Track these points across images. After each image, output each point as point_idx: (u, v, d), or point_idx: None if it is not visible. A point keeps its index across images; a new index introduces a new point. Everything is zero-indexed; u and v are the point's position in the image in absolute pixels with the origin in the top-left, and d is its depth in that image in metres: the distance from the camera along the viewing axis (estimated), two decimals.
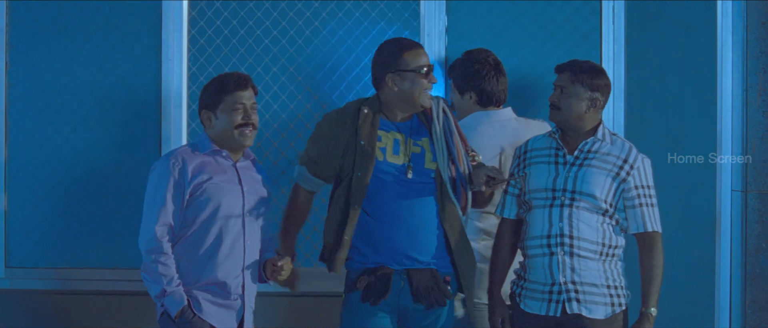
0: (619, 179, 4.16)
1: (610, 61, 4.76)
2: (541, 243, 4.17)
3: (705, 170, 4.74)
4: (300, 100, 4.90)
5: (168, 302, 3.78)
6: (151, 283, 3.80)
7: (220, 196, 3.87)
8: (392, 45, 4.13)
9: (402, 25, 4.85)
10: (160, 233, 3.80)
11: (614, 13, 4.75)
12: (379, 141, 4.11)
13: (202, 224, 3.85)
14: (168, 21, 4.87)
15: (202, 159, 3.90)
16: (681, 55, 4.74)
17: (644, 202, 4.17)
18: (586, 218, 4.14)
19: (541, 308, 4.18)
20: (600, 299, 4.16)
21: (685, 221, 4.75)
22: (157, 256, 3.78)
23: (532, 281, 4.21)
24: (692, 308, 4.76)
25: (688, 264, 4.74)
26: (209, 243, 3.86)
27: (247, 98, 3.94)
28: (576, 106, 4.15)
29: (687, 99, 4.74)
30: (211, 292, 3.86)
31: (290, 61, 4.90)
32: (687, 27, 4.73)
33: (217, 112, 3.92)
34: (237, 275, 3.90)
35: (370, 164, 4.07)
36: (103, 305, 4.85)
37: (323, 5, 4.88)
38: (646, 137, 4.73)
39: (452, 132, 4.14)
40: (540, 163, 4.24)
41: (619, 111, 4.75)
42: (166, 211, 3.82)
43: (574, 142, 4.21)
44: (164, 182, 3.85)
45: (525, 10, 4.81)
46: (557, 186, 4.16)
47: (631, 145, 4.23)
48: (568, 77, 4.15)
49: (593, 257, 4.15)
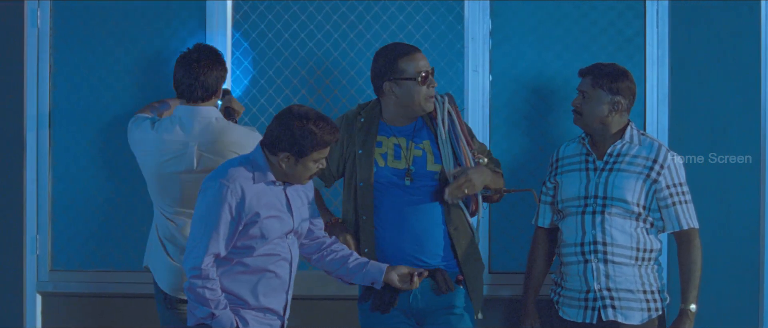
0: (650, 180, 4.16)
1: (655, 64, 4.76)
2: (575, 251, 4.18)
3: (749, 171, 4.74)
4: (344, 103, 4.89)
5: (216, 324, 3.75)
6: (198, 305, 3.76)
7: (271, 229, 3.79)
8: (387, 52, 4.09)
9: (446, 28, 4.84)
10: (207, 263, 3.72)
11: (658, 16, 4.75)
12: (379, 147, 4.11)
13: (251, 253, 3.79)
14: (212, 23, 4.89)
15: (257, 187, 3.77)
16: (725, 56, 4.74)
17: (678, 200, 4.18)
18: (618, 223, 4.15)
19: (578, 315, 4.19)
20: (635, 304, 4.17)
21: (728, 222, 4.75)
22: (204, 282, 3.72)
23: (568, 288, 4.23)
24: (737, 310, 4.76)
25: (732, 265, 4.74)
26: (258, 271, 3.81)
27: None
28: (597, 111, 4.16)
29: (731, 100, 4.74)
30: (257, 316, 3.84)
31: (334, 65, 4.90)
32: (731, 28, 4.73)
33: (299, 160, 3.75)
34: (281, 299, 3.89)
35: (369, 173, 4.08)
36: (146, 309, 4.84)
37: (367, 8, 4.88)
38: (690, 139, 4.73)
39: (458, 135, 4.13)
40: (572, 170, 4.25)
41: (664, 113, 4.75)
42: (218, 241, 3.72)
43: (602, 146, 4.22)
44: (218, 209, 3.72)
45: (569, 14, 4.81)
46: (589, 193, 4.17)
47: (660, 143, 4.24)
48: (590, 82, 4.16)
49: (628, 263, 4.16)
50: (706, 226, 4.37)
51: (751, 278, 4.75)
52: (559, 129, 4.78)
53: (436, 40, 4.85)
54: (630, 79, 4.19)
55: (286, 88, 4.89)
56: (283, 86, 4.90)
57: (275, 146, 3.74)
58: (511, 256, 4.81)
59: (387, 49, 4.12)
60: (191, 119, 4.17)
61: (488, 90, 4.78)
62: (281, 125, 3.73)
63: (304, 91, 4.89)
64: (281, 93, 4.89)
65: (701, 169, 4.69)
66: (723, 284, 4.72)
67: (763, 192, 4.75)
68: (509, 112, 4.82)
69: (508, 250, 4.81)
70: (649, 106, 4.75)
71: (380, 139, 4.13)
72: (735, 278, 4.76)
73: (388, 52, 4.10)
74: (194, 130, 4.16)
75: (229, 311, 3.76)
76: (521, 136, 4.81)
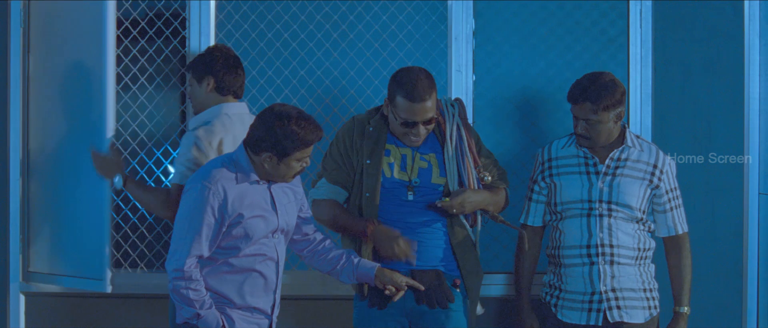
0: (652, 186, 4.17)
1: (638, 64, 4.76)
2: (579, 253, 4.16)
3: (732, 172, 4.74)
4: (327, 103, 4.89)
5: (203, 324, 3.73)
6: (183, 305, 3.73)
7: (255, 229, 3.75)
8: (400, 78, 4.02)
9: (429, 27, 4.84)
10: (190, 265, 3.69)
11: (641, 16, 4.75)
12: (387, 156, 4.10)
13: (237, 252, 3.76)
14: (195, 24, 4.87)
15: (240, 187, 3.74)
16: (708, 57, 4.74)
17: (674, 205, 4.20)
18: (623, 226, 4.15)
19: (581, 317, 4.17)
20: (638, 303, 4.16)
21: (712, 223, 4.75)
22: (188, 283, 3.69)
23: (569, 290, 4.19)
24: (721, 311, 4.76)
25: (715, 266, 4.74)
26: (244, 270, 3.79)
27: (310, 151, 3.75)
28: (605, 131, 4.15)
29: (714, 101, 4.74)
30: (244, 315, 3.82)
31: (317, 64, 4.89)
32: (714, 29, 4.73)
33: (281, 160, 3.71)
34: (269, 298, 3.87)
35: (376, 184, 4.06)
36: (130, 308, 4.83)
37: (350, 8, 4.88)
38: (674, 139, 4.73)
39: (464, 152, 4.12)
40: (571, 173, 4.22)
41: (647, 113, 4.74)
42: (200, 243, 3.69)
43: (603, 150, 4.21)
44: (201, 211, 3.69)
45: (552, 13, 4.81)
46: (593, 197, 4.15)
47: (656, 148, 4.24)
48: (590, 108, 4.11)
49: (630, 263, 4.16)
50: (691, 226, 4.36)
51: (735, 278, 4.75)
52: (542, 129, 4.78)
53: (419, 40, 4.85)
54: (619, 82, 4.17)
55: (269, 88, 4.88)
56: (266, 86, 4.89)
57: (257, 147, 3.71)
58: (494, 255, 4.79)
59: (401, 75, 4.03)
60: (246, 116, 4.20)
61: (471, 90, 4.77)
62: (263, 125, 3.69)
63: (287, 91, 4.88)
64: (264, 93, 4.88)
65: (685, 169, 4.68)
66: (707, 286, 4.71)
67: (746, 192, 4.74)
68: (492, 112, 4.81)
69: (491, 249, 4.79)
70: (633, 106, 4.75)
71: (389, 148, 4.11)
72: (719, 280, 4.76)
73: (400, 77, 4.02)
74: None
75: (214, 310, 3.74)
76: (505, 137, 4.81)
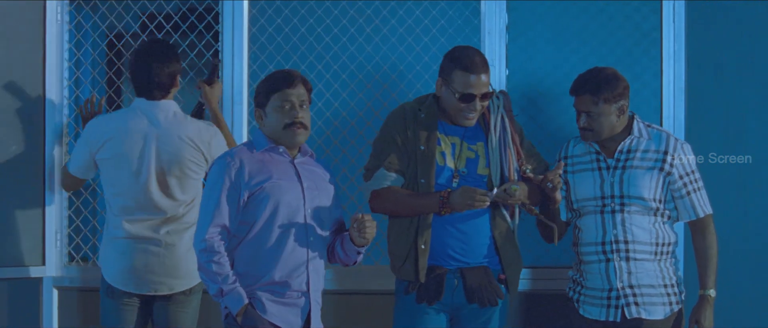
0: (663, 173, 4.16)
1: (671, 59, 4.75)
2: (596, 250, 4.17)
3: (765, 169, 4.74)
4: (360, 97, 4.90)
5: (228, 302, 3.74)
6: (208, 282, 3.77)
7: (279, 195, 3.79)
8: (456, 53, 4.07)
9: (463, 22, 4.85)
10: (212, 234, 3.75)
11: (675, 11, 4.75)
12: (439, 145, 4.11)
13: (263, 224, 3.79)
14: (228, 19, 4.90)
15: (260, 157, 3.84)
16: (742, 52, 4.73)
17: (692, 189, 4.18)
18: (638, 221, 4.15)
19: (601, 313, 4.18)
20: (658, 299, 4.16)
21: (743, 221, 4.74)
22: (210, 255, 3.74)
23: (589, 287, 4.21)
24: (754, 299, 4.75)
25: (747, 265, 4.73)
26: (271, 243, 3.80)
27: (297, 96, 3.83)
28: (607, 124, 4.16)
29: (747, 97, 4.74)
30: (274, 292, 3.80)
31: (351, 59, 4.90)
32: (748, 24, 4.73)
33: (267, 111, 3.86)
34: (301, 273, 3.83)
35: (431, 169, 4.07)
36: None
37: (383, 3, 4.89)
38: (707, 135, 4.73)
39: (507, 143, 4.13)
40: (583, 170, 4.25)
41: (680, 109, 4.74)
42: (220, 212, 3.77)
43: (611, 144, 4.22)
44: (220, 182, 3.79)
45: (585, 9, 4.81)
46: (605, 193, 4.17)
47: (668, 134, 4.23)
48: (590, 100, 4.14)
49: (649, 258, 4.15)
50: (724, 223, 4.37)
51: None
52: (575, 124, 4.77)
53: (452, 35, 4.86)
54: (621, 77, 4.18)
55: None
56: None
57: (255, 112, 3.92)
58: (527, 250, 4.79)
59: (456, 51, 4.09)
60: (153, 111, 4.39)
61: (504, 84, 4.78)
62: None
63: (320, 86, 4.89)
64: None
65: (718, 166, 4.68)
66: (738, 285, 4.70)
67: None
68: (525, 107, 4.81)
69: (523, 244, 4.79)
70: (666, 102, 4.75)
71: (440, 136, 4.13)
72: (750, 279, 4.74)
73: (455, 53, 4.08)
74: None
75: (239, 287, 3.75)
76: (537, 131, 4.80)
